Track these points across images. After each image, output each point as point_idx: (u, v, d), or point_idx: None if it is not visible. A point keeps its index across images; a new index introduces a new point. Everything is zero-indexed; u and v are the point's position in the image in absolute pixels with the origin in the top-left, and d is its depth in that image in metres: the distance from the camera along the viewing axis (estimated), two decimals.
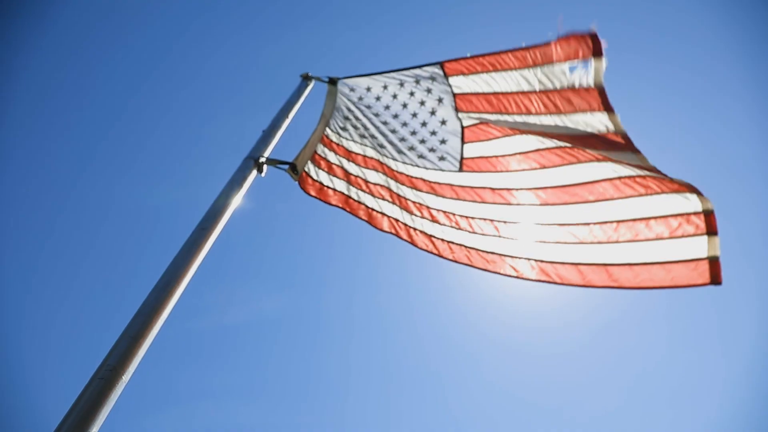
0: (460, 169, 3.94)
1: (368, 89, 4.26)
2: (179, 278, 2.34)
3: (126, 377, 1.93)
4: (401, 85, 4.19)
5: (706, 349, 17.18)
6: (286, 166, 3.42)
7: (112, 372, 1.88)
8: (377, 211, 3.87)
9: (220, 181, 3.01)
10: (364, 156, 4.01)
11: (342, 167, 3.91)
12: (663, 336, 17.40)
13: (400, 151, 4.05)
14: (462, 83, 4.07)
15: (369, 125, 4.14)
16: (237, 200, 2.89)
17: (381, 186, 3.95)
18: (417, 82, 4.16)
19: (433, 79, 4.13)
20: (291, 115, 3.86)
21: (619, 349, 17.44)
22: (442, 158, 4.00)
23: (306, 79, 4.32)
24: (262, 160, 3.26)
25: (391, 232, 3.88)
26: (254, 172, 3.17)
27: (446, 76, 4.09)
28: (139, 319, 2.11)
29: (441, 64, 4.11)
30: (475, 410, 16.42)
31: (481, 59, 4.02)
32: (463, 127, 4.02)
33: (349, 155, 3.98)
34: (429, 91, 4.13)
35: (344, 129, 4.07)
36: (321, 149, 3.85)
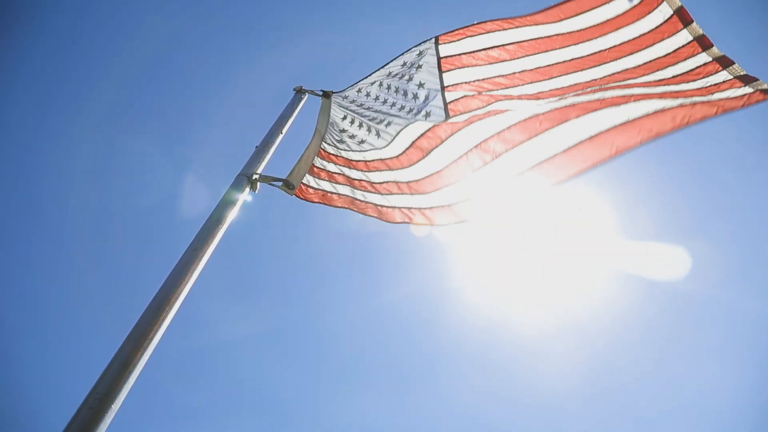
0: (447, 117, 3.68)
1: (359, 91, 4.23)
2: (171, 300, 2.30)
3: (116, 406, 1.89)
4: (389, 74, 4.11)
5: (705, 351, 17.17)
6: (280, 183, 3.38)
7: (101, 401, 1.85)
8: (386, 206, 3.79)
9: (213, 198, 2.98)
10: (365, 161, 3.95)
11: (344, 174, 3.87)
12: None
13: (385, 132, 3.94)
14: (452, 48, 3.85)
15: (363, 122, 4.07)
16: (230, 219, 2.84)
17: (387, 182, 3.87)
18: (403, 65, 4.04)
19: (421, 54, 3.95)
20: (284, 129, 3.81)
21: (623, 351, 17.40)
22: (428, 114, 3.75)
23: (299, 92, 4.26)
24: (256, 177, 3.21)
25: (404, 222, 3.74)
26: (247, 190, 3.11)
27: (437, 44, 3.89)
28: (130, 344, 2.07)
29: (435, 38, 3.91)
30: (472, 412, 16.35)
31: (491, 22, 3.77)
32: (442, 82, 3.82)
33: (350, 163, 3.93)
34: (418, 67, 3.95)
35: (341, 141, 4.03)
36: (319, 162, 3.81)
